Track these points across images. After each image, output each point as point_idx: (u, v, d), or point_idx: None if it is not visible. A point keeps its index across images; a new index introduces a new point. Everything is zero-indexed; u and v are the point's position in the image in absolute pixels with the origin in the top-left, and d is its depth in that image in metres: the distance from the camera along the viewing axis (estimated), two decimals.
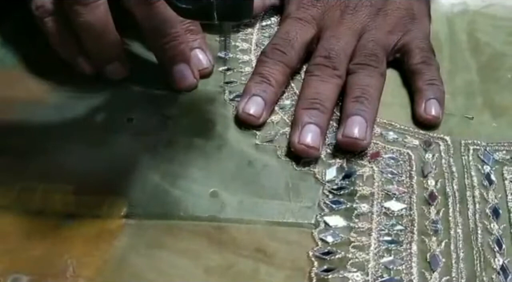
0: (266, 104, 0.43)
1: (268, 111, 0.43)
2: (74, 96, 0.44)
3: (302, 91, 0.44)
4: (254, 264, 0.35)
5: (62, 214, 0.37)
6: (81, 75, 0.44)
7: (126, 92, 0.45)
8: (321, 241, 0.36)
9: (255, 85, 0.43)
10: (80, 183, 0.38)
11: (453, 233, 0.37)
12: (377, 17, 0.48)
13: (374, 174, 0.40)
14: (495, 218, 0.38)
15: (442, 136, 0.42)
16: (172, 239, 0.36)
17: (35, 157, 0.40)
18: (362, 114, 0.41)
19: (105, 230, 0.36)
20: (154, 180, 0.39)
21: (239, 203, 0.38)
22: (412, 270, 0.35)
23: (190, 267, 0.35)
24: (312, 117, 0.41)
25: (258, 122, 0.42)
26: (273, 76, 0.44)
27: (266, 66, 0.44)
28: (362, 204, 0.38)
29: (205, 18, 0.37)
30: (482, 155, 0.41)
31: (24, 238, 0.36)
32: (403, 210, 0.38)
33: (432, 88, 0.44)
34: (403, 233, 0.36)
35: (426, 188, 0.39)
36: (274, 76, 0.44)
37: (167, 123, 0.43)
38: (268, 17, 0.52)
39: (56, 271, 0.34)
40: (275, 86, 0.44)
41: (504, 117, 0.45)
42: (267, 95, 0.43)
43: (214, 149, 0.41)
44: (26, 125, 0.42)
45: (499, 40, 0.51)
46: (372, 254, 0.35)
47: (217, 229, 0.37)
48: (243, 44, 0.49)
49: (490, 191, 0.39)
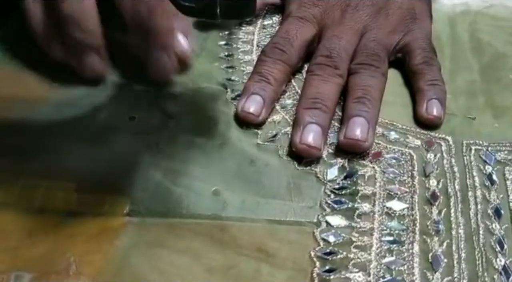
0: (265, 102, 0.43)
1: (267, 109, 0.43)
2: (75, 95, 0.44)
3: (304, 91, 0.44)
4: (255, 264, 0.35)
5: (64, 212, 0.37)
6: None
7: (128, 91, 0.45)
8: (323, 241, 0.36)
9: (254, 84, 0.43)
10: (82, 181, 0.38)
11: (455, 233, 0.37)
12: (379, 16, 0.48)
13: (376, 173, 0.40)
14: (497, 218, 0.38)
15: (444, 137, 0.42)
16: (173, 238, 0.36)
17: (36, 155, 0.40)
18: (364, 115, 0.41)
19: (107, 228, 0.36)
20: (155, 178, 0.39)
21: (241, 203, 0.38)
22: (414, 271, 0.35)
23: (191, 267, 0.34)
24: (313, 117, 0.41)
25: (258, 120, 0.42)
26: (272, 74, 0.44)
27: (265, 65, 0.44)
28: (364, 204, 0.38)
29: (208, 16, 0.37)
30: (484, 155, 0.41)
31: (26, 236, 0.36)
32: (405, 210, 0.38)
33: (433, 88, 0.44)
34: (405, 233, 0.36)
35: (428, 188, 0.39)
36: (273, 74, 0.44)
37: (169, 121, 0.43)
38: (269, 17, 0.52)
39: (58, 269, 0.34)
40: (274, 84, 0.44)
41: (505, 117, 0.45)
42: (266, 94, 0.43)
43: (216, 147, 0.41)
44: (27, 123, 0.42)
45: (500, 41, 0.51)
46: (374, 254, 0.35)
47: (219, 228, 0.36)
48: (245, 46, 0.49)
49: (492, 191, 0.39)
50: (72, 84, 0.44)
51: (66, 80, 0.45)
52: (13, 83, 0.45)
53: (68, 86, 0.44)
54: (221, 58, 0.48)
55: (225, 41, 0.50)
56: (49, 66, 0.45)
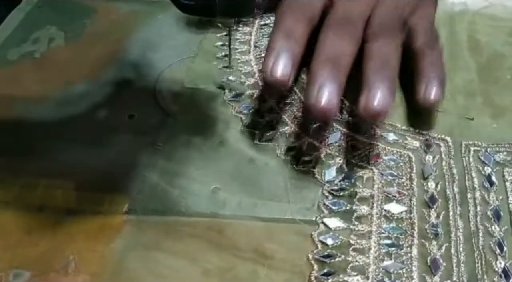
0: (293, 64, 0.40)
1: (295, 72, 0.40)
2: (74, 93, 0.44)
3: (319, 48, 0.41)
4: (253, 266, 0.34)
5: (63, 210, 0.37)
6: (81, 73, 0.44)
7: (127, 89, 0.44)
8: (320, 243, 0.36)
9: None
10: (81, 179, 0.38)
11: (454, 236, 0.36)
12: None
13: (374, 175, 0.39)
14: (496, 220, 0.37)
15: (443, 137, 0.42)
16: (170, 240, 0.36)
17: (35, 154, 0.40)
18: (382, 86, 0.39)
19: (106, 226, 0.36)
20: (154, 177, 0.39)
21: (238, 204, 0.38)
22: (413, 274, 0.34)
23: (188, 269, 0.34)
24: (329, 76, 0.39)
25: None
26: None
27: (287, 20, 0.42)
28: (362, 206, 0.38)
29: (207, 14, 0.38)
30: (483, 156, 0.41)
31: (25, 234, 0.36)
32: (403, 213, 0.37)
33: (433, 69, 0.43)
34: (403, 236, 0.36)
35: (426, 190, 0.39)
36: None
37: (167, 121, 0.42)
38: (266, 17, 0.52)
39: (58, 267, 0.34)
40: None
41: (504, 118, 0.44)
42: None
43: (214, 147, 0.41)
44: (27, 122, 0.42)
45: (499, 41, 0.51)
46: (372, 257, 0.35)
47: (216, 230, 0.36)
48: (242, 46, 0.49)
49: (491, 193, 0.39)
50: (72, 83, 0.44)
51: (66, 79, 0.44)
52: (13, 82, 0.45)
53: (68, 85, 0.44)
54: (218, 59, 0.48)
55: (222, 42, 0.50)
56: (49, 65, 0.45)
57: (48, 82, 0.45)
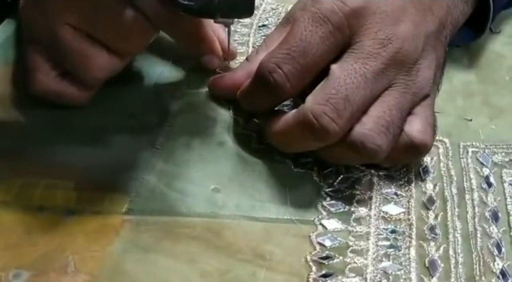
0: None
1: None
2: None
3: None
4: (251, 268, 0.34)
5: (63, 210, 0.37)
6: None
7: (127, 89, 0.44)
8: (319, 245, 0.36)
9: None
10: (81, 179, 0.38)
11: (452, 237, 0.36)
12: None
13: (372, 177, 0.39)
14: (494, 221, 0.37)
15: (441, 139, 0.42)
16: (169, 241, 0.36)
17: (35, 153, 0.40)
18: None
19: (106, 225, 0.36)
20: (153, 178, 0.39)
21: (237, 205, 0.38)
22: (411, 275, 0.34)
23: (187, 272, 0.34)
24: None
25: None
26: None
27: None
28: (360, 208, 0.38)
29: (207, 15, 0.38)
30: (481, 157, 0.41)
31: (25, 234, 0.36)
32: (401, 214, 0.38)
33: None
34: (401, 238, 0.36)
35: (425, 192, 0.39)
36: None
37: (167, 122, 0.42)
38: (265, 18, 0.52)
39: (57, 267, 0.34)
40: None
41: (502, 119, 0.44)
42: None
43: (212, 148, 0.41)
44: (27, 121, 0.42)
45: (497, 41, 0.51)
46: (370, 258, 0.35)
47: (214, 231, 0.36)
48: (240, 47, 0.49)
49: (489, 194, 0.39)
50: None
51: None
52: (13, 81, 0.45)
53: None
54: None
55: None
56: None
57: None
